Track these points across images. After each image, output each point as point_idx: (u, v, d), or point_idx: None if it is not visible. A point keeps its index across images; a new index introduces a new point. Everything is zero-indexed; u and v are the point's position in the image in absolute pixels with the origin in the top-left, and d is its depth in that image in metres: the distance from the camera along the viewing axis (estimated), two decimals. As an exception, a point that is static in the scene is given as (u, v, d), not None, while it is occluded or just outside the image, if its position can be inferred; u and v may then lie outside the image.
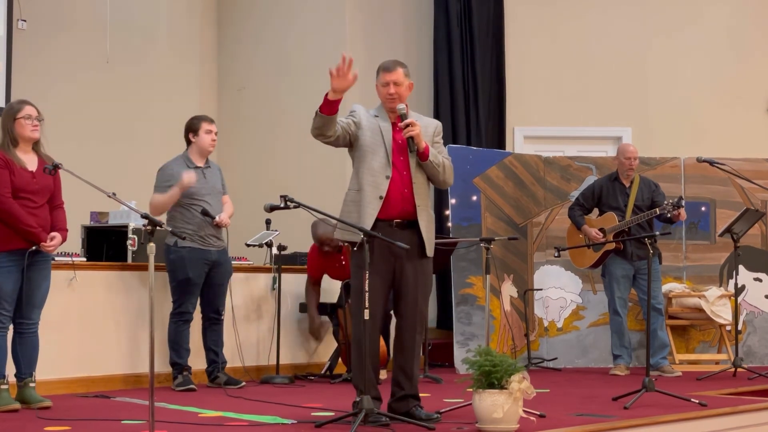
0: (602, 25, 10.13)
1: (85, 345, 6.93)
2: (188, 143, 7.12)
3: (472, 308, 8.40)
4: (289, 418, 5.34)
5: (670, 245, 8.91)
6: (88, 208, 7.55)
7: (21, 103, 5.88)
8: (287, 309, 8.03)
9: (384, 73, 5.31)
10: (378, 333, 5.35)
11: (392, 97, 5.26)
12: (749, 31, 10.16)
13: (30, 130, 5.81)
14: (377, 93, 5.36)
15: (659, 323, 8.15)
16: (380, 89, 5.34)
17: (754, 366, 8.22)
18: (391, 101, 5.27)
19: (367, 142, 5.27)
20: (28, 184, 5.75)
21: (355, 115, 5.32)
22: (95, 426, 5.22)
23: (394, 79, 5.27)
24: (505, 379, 4.81)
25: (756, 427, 5.86)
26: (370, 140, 5.28)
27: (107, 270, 7.14)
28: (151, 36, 10.02)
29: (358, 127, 5.29)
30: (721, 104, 10.06)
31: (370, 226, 5.15)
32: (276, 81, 10.24)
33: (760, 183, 8.36)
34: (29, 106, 5.85)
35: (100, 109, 9.51)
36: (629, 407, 5.71)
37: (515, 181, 8.92)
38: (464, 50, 9.74)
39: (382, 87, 5.32)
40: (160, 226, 4.75)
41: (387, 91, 5.29)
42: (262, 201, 5.56)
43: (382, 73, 5.33)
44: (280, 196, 5.16)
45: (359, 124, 5.29)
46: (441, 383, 7.37)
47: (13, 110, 5.83)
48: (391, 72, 5.28)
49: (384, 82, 5.31)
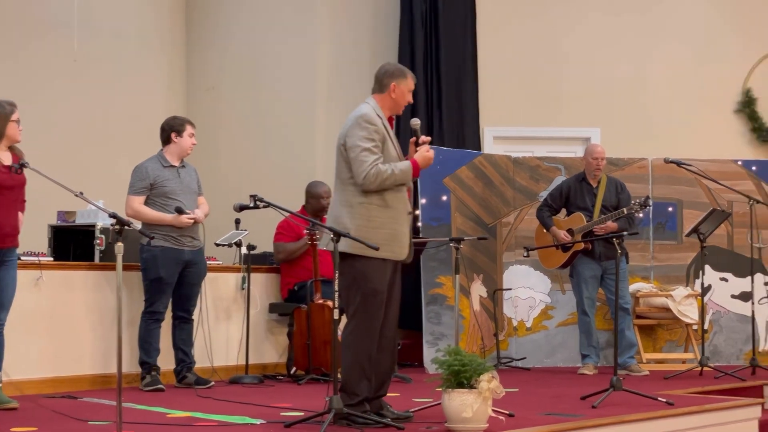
0: (572, 27, 10.16)
1: (52, 345, 6.88)
2: (166, 142, 7.09)
3: (442, 308, 8.42)
4: (258, 418, 5.33)
5: (638, 245, 8.97)
6: (55, 208, 7.50)
7: (12, 105, 5.86)
8: (256, 309, 8.01)
9: (411, 80, 5.27)
10: (394, 344, 5.37)
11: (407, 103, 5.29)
12: (717, 33, 10.23)
13: (19, 133, 5.83)
14: (393, 92, 5.22)
15: (627, 323, 8.20)
16: (405, 94, 5.25)
17: (720, 365, 8.28)
18: (403, 108, 5.28)
19: (392, 156, 5.19)
20: (4, 180, 5.73)
21: (379, 131, 5.12)
22: (62, 427, 5.19)
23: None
24: (474, 379, 4.82)
25: (722, 426, 5.92)
26: (393, 153, 5.20)
27: (74, 270, 7.09)
28: (120, 36, 9.94)
29: (384, 143, 5.17)
30: (688, 105, 10.12)
31: (408, 247, 5.20)
32: (245, 81, 10.21)
33: (727, 184, 8.43)
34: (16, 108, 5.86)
35: (67, 109, 9.43)
36: (597, 406, 5.74)
37: (485, 181, 8.94)
38: (428, 51, 9.71)
39: (408, 93, 5.25)
40: (128, 225, 4.72)
41: (409, 98, 5.27)
42: (231, 200, 5.54)
43: (411, 79, 5.27)
44: (250, 196, 5.14)
45: (384, 140, 5.16)
46: (410, 383, 7.38)
47: (7, 111, 5.81)
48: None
49: (410, 89, 5.26)
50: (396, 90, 5.22)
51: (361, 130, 5.07)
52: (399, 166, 5.10)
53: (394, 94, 5.22)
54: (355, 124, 5.11)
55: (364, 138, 5.05)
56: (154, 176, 6.92)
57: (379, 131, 5.10)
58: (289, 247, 7.97)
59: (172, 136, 7.07)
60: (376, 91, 5.27)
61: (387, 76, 5.25)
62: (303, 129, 9.81)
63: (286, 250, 7.98)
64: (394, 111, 5.28)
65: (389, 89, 5.22)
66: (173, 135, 7.06)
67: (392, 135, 5.24)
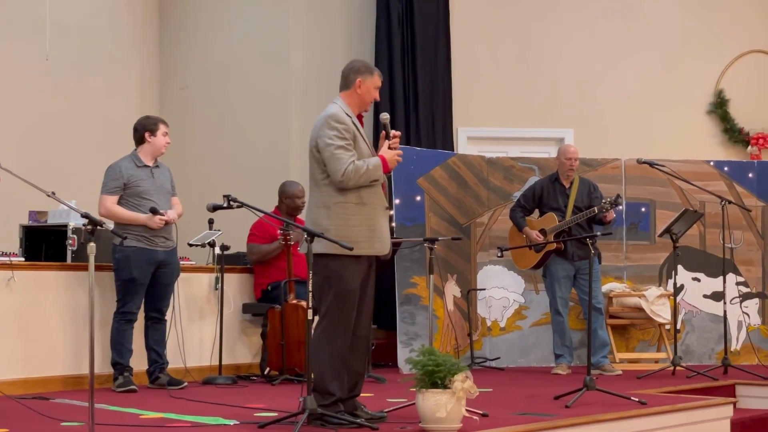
0: (545, 28, 10.20)
1: (23, 346, 6.83)
2: (140, 142, 7.05)
3: (416, 308, 8.42)
4: (231, 419, 5.31)
5: (611, 245, 9.00)
6: (26, 208, 7.45)
7: None
8: (230, 309, 7.98)
9: (378, 77, 5.25)
10: (367, 343, 5.39)
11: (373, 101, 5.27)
12: (690, 34, 10.30)
13: None
14: (359, 90, 5.20)
15: (600, 323, 8.23)
16: (371, 91, 5.23)
17: (693, 364, 8.33)
18: (369, 104, 5.26)
19: (364, 153, 5.18)
20: None
21: (349, 129, 5.11)
22: (34, 428, 5.14)
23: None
24: (448, 379, 4.82)
25: (694, 425, 5.95)
26: (365, 150, 5.19)
27: (46, 270, 7.05)
28: (92, 35, 9.89)
29: (356, 141, 5.15)
30: (661, 106, 10.19)
31: (389, 242, 5.22)
32: (218, 80, 10.18)
33: (699, 184, 8.49)
34: None
35: (39, 108, 9.37)
36: (570, 406, 5.76)
37: (459, 182, 8.95)
38: (405, 51, 9.72)
39: (374, 89, 5.24)
40: (101, 225, 4.69)
41: (376, 95, 5.25)
42: (205, 200, 5.52)
43: (377, 76, 5.25)
44: (223, 196, 5.13)
45: (355, 137, 5.15)
46: (384, 383, 7.38)
47: None
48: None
49: (377, 86, 5.25)
50: (362, 86, 5.21)
51: (331, 130, 5.07)
52: (371, 162, 5.11)
53: (360, 90, 5.21)
54: (325, 124, 5.11)
55: (335, 137, 5.05)
56: (127, 176, 6.88)
57: (349, 129, 5.10)
58: (263, 249, 7.95)
59: (145, 135, 7.03)
60: (342, 89, 5.27)
61: (353, 72, 5.24)
62: (277, 129, 9.79)
63: (260, 252, 7.96)
64: (362, 108, 5.27)
65: (355, 85, 5.21)
66: (147, 134, 7.03)
67: (362, 132, 5.23)
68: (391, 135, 5.22)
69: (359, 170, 5.02)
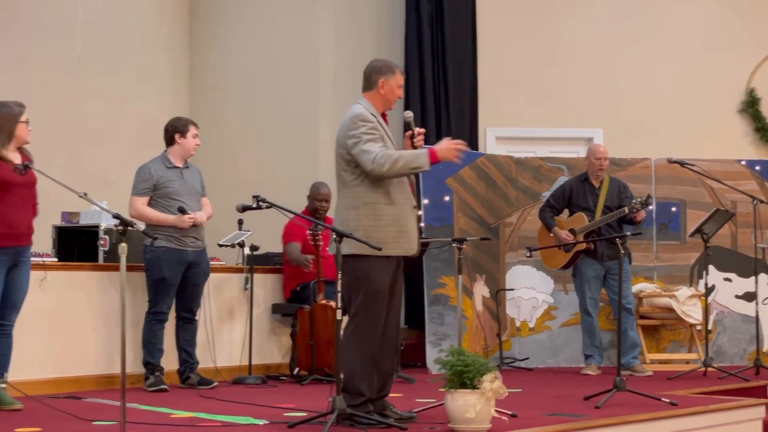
0: (574, 27, 10.17)
1: (56, 346, 6.89)
2: (170, 143, 7.10)
3: (445, 308, 8.42)
4: (261, 419, 5.34)
5: (641, 245, 8.96)
6: (59, 209, 7.51)
7: (21, 106, 5.88)
8: (260, 309, 8.02)
9: (400, 75, 5.26)
10: (396, 343, 5.40)
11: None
12: (720, 33, 10.24)
13: (28, 134, 5.86)
14: (383, 90, 5.21)
15: (630, 323, 8.19)
16: (395, 90, 5.23)
17: (724, 365, 8.27)
18: (393, 103, 5.27)
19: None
20: (16, 178, 5.74)
21: (376, 128, 5.12)
22: (66, 427, 5.19)
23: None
24: (477, 379, 4.82)
25: (726, 426, 5.92)
26: (392, 148, 5.16)
27: (79, 270, 7.10)
28: (123, 37, 9.96)
29: (382, 139, 5.14)
30: (692, 105, 10.12)
31: (417, 242, 5.22)
32: (247, 82, 10.22)
33: (730, 183, 8.42)
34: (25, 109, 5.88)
35: (71, 110, 9.44)
36: (600, 407, 5.74)
37: (487, 182, 8.94)
38: (435, 51, 9.74)
39: (397, 88, 5.24)
40: (131, 226, 4.73)
41: (400, 93, 5.26)
42: (234, 201, 5.54)
43: (399, 74, 5.26)
44: (253, 197, 5.15)
45: (381, 136, 5.14)
46: (413, 383, 7.38)
47: (16, 112, 5.83)
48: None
49: (399, 84, 5.26)
50: (384, 86, 5.22)
51: (357, 129, 5.08)
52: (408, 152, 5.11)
53: (383, 90, 5.22)
54: (350, 124, 5.12)
55: (362, 134, 5.06)
56: (157, 177, 6.94)
57: (376, 128, 5.11)
58: (298, 258, 7.92)
59: (175, 137, 7.08)
60: (365, 89, 5.28)
61: (374, 73, 5.24)
62: (306, 129, 9.82)
63: (293, 259, 7.96)
64: (386, 107, 5.28)
65: (378, 86, 5.22)
66: (177, 136, 7.07)
67: (388, 131, 5.24)
68: (416, 132, 5.23)
69: (391, 156, 4.99)
